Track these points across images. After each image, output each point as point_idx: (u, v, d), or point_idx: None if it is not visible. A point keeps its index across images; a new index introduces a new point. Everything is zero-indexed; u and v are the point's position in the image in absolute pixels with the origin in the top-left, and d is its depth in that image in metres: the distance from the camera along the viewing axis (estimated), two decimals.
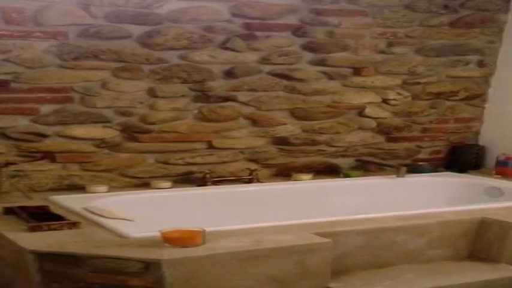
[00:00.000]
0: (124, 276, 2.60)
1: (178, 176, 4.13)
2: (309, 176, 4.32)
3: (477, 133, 4.90)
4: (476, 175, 4.54)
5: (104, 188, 3.84)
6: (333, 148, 4.53)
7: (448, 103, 4.78)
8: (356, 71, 4.48)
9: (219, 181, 4.12)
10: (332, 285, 2.88)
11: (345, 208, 3.75)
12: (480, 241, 3.33)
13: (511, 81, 4.73)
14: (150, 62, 3.97)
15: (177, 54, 4.02)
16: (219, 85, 4.15)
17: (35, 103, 3.78)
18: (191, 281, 2.60)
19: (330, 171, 4.51)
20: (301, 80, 4.34)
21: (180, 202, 3.80)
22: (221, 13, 4.08)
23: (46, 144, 3.84)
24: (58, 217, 3.15)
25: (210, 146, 4.21)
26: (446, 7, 4.60)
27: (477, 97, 4.84)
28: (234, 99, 4.20)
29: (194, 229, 2.76)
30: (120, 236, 2.89)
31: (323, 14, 4.31)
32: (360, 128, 4.58)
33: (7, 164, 3.70)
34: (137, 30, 3.91)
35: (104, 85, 3.90)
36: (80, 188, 3.86)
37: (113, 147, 3.99)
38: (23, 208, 3.29)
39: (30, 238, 2.86)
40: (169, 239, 2.72)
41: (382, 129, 4.64)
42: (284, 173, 4.39)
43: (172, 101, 4.06)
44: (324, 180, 4.32)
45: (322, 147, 4.50)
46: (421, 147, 4.79)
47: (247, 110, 4.26)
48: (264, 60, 4.22)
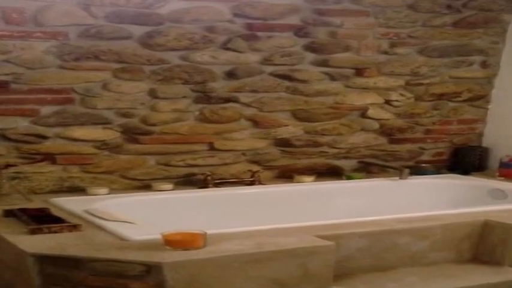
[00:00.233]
0: (125, 279, 2.60)
1: (179, 178, 4.11)
2: (311, 178, 4.30)
3: (480, 135, 4.88)
4: (479, 177, 4.52)
5: (105, 190, 3.83)
6: (335, 150, 4.51)
7: (451, 104, 4.76)
8: (358, 72, 4.46)
9: (221, 183, 4.11)
10: None
11: (348, 210, 3.75)
12: (483, 244, 3.31)
13: None
14: (151, 63, 3.95)
15: (178, 54, 4.00)
16: (221, 86, 4.13)
17: (35, 104, 3.77)
18: (193, 284, 2.59)
19: (332, 173, 4.50)
20: (303, 81, 4.32)
21: (182, 204, 3.80)
22: (223, 13, 4.06)
23: (46, 145, 3.82)
24: (58, 219, 3.14)
25: (212, 148, 4.19)
26: (449, 7, 4.58)
27: (480, 98, 4.82)
28: (236, 100, 4.19)
29: (196, 232, 2.75)
30: (121, 239, 2.88)
31: (325, 14, 4.29)
32: (363, 130, 4.57)
33: (7, 166, 3.69)
34: (138, 30, 3.89)
35: (105, 86, 3.88)
36: (81, 190, 3.85)
37: (114, 148, 3.97)
38: (23, 210, 3.28)
39: (30, 241, 2.85)
40: (170, 242, 2.71)
41: (384, 130, 4.62)
42: (286, 175, 4.37)
43: (173, 102, 4.05)
44: (326, 182, 4.32)
45: (324, 148, 4.49)
46: (424, 148, 4.77)
47: (248, 111, 4.24)
48: (266, 61, 4.20)
